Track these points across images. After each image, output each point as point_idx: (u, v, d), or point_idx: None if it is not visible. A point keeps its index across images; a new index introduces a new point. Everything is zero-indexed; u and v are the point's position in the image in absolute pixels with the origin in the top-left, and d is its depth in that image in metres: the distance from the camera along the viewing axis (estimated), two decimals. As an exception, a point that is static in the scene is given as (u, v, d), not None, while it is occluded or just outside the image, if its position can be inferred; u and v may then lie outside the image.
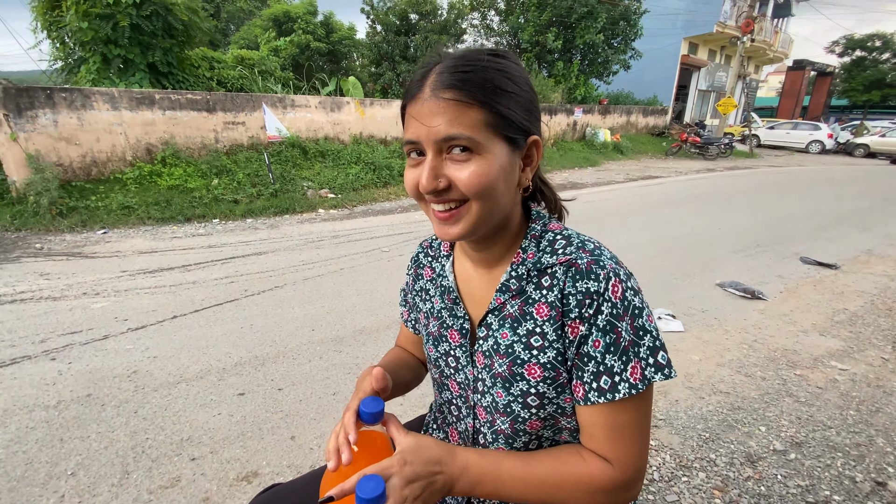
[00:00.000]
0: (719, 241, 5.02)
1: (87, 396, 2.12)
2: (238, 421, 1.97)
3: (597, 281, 0.57)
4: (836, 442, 1.92)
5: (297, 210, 6.01)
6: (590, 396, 0.58)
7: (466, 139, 0.53)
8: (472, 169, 0.54)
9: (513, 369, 0.63)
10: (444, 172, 0.56)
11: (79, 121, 5.48)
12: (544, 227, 0.66)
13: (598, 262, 0.58)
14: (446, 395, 0.77)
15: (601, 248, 0.62)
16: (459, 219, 0.58)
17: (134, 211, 5.29)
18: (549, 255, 0.62)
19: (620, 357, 0.56)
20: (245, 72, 9.06)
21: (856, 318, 3.15)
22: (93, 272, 3.69)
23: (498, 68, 0.56)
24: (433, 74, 0.55)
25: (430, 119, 0.54)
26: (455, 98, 0.53)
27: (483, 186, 0.55)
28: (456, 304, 0.71)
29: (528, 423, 0.64)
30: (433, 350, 0.76)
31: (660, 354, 0.58)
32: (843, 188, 9.27)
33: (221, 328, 2.78)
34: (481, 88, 0.54)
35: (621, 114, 15.40)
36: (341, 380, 2.28)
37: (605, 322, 0.56)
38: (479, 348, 0.68)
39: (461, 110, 0.53)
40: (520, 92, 0.57)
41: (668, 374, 0.58)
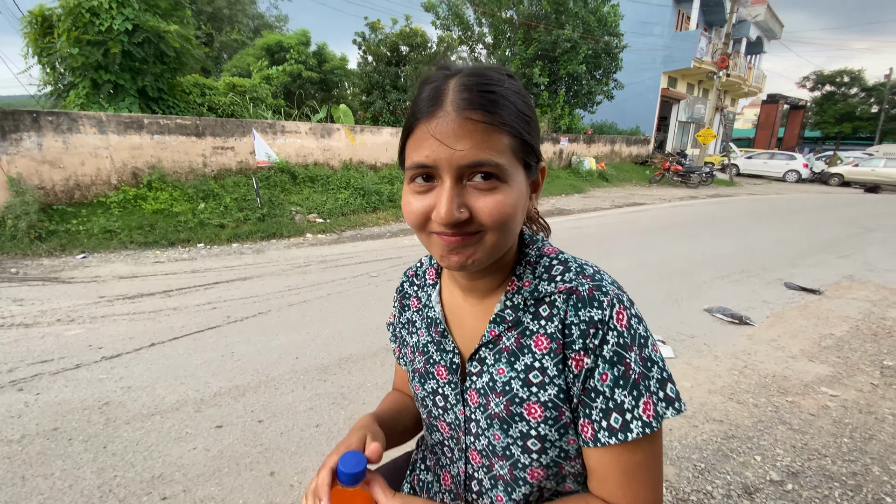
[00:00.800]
0: (705, 266, 5.07)
1: (54, 430, 2.00)
2: (214, 456, 1.86)
3: (600, 308, 0.53)
4: (832, 471, 1.89)
5: (285, 235, 5.95)
6: (600, 437, 0.53)
7: (494, 166, 0.49)
8: (498, 199, 0.50)
9: (511, 409, 0.57)
10: (465, 201, 0.50)
11: (64, 144, 5.42)
12: (539, 252, 0.62)
13: (600, 289, 0.54)
14: (437, 437, 0.70)
15: (601, 272, 0.58)
16: (473, 247, 0.52)
17: (116, 235, 5.18)
18: (547, 283, 0.58)
19: (630, 392, 0.52)
20: (236, 98, 9.13)
21: (842, 343, 3.17)
22: (69, 298, 3.57)
23: (516, 91, 0.52)
24: (451, 91, 0.49)
25: (454, 141, 0.48)
26: (485, 121, 0.48)
27: (506, 217, 0.50)
28: (444, 338, 0.66)
29: (528, 469, 0.58)
30: (419, 388, 0.69)
31: (668, 387, 0.54)
32: (821, 216, 9.53)
33: (201, 356, 2.67)
34: (509, 112, 0.50)
35: (606, 143, 15.82)
36: (325, 411, 2.19)
37: (612, 353, 0.52)
38: (471, 386, 0.62)
39: (490, 134, 0.48)
40: (534, 117, 0.54)
41: (678, 408, 0.54)
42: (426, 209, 0.51)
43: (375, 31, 12.43)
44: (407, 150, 0.53)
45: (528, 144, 0.52)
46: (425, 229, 0.53)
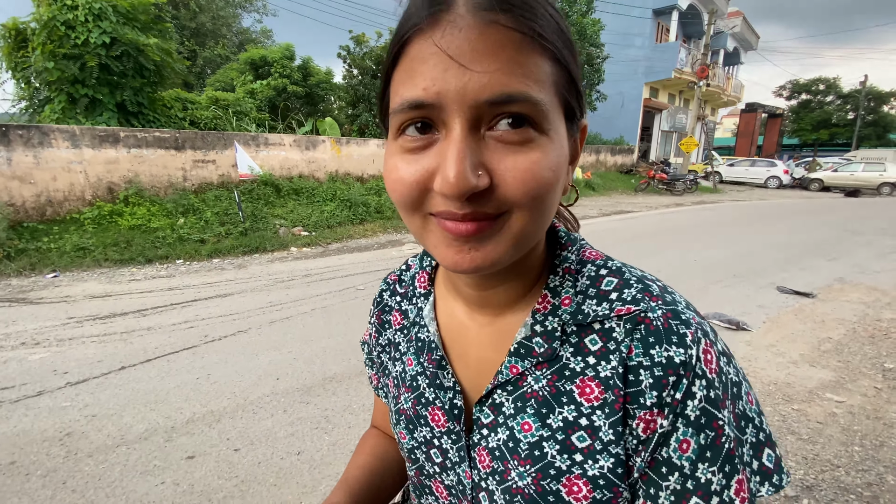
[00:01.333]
0: (697, 272, 5.03)
1: (11, 464, 1.82)
2: (184, 490, 1.69)
3: (682, 346, 0.36)
4: (846, 483, 1.79)
5: (268, 249, 5.78)
6: None
7: (534, 105, 0.31)
8: (534, 158, 0.32)
9: (542, 483, 0.39)
10: (483, 160, 0.32)
11: (35, 158, 5.22)
12: (579, 257, 0.43)
13: (678, 315, 0.37)
14: (429, 501, 0.51)
15: (671, 290, 0.41)
16: (491, 237, 0.34)
17: (90, 252, 4.96)
18: (596, 302, 0.40)
19: (722, 467, 0.35)
20: (219, 112, 8.98)
21: (841, 347, 3.11)
22: (35, 319, 3.36)
23: (553, 4, 0.35)
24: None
25: (472, 59, 0.30)
26: (520, 29, 0.31)
27: (544, 188, 0.33)
28: (441, 369, 0.47)
29: None
30: (406, 436, 0.50)
31: (766, 453, 0.38)
32: (806, 220, 9.65)
33: (175, 379, 2.50)
34: (552, 26, 0.33)
35: (591, 153, 15.98)
36: (307, 436, 2.04)
37: (700, 411, 0.35)
38: (481, 442, 0.44)
39: (528, 54, 0.31)
40: (575, 46, 0.36)
41: (778, 483, 0.38)
42: (423, 176, 0.33)
43: (360, 45, 12.45)
44: (393, 84, 0.34)
45: (574, 80, 0.35)
46: (421, 209, 0.35)
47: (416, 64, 0.32)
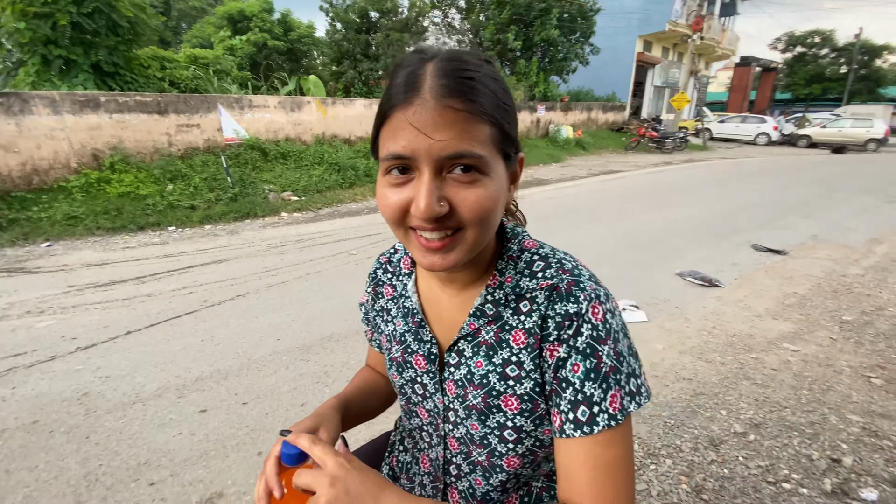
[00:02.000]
0: (678, 231, 5.21)
1: (34, 423, 1.97)
2: (200, 440, 1.88)
3: (577, 303, 0.53)
4: (791, 421, 2.02)
5: (259, 214, 5.82)
6: (566, 429, 0.53)
7: (476, 158, 0.47)
8: (479, 192, 0.48)
9: (488, 401, 0.58)
10: (444, 194, 0.48)
11: (17, 127, 5.11)
12: (520, 247, 0.61)
13: (577, 284, 0.55)
14: (415, 422, 0.71)
15: (579, 267, 0.58)
16: (454, 248, 0.51)
17: (81, 221, 4.98)
18: (529, 279, 0.57)
19: (601, 385, 0.52)
20: (199, 72, 8.68)
21: (805, 301, 3.34)
22: (37, 289, 3.45)
23: (494, 77, 0.50)
24: (429, 76, 0.47)
25: (433, 130, 0.45)
26: (465, 109, 0.46)
27: (486, 211, 0.49)
28: (421, 328, 0.65)
29: (505, 458, 0.60)
30: (398, 377, 0.69)
31: (632, 381, 0.54)
32: (788, 178, 9.82)
33: (180, 342, 2.65)
34: (490, 101, 0.48)
35: (582, 110, 15.77)
36: (309, 390, 2.22)
37: (586, 345, 0.52)
38: (449, 377, 0.62)
39: (472, 124, 0.46)
40: (512, 105, 0.52)
41: (639, 401, 0.54)
42: (404, 203, 0.49)
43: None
44: (381, 139, 0.50)
45: (507, 134, 0.50)
46: (403, 224, 0.51)
47: (398, 129, 0.47)
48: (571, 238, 4.81)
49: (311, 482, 0.48)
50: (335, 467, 0.49)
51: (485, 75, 0.49)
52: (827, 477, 1.70)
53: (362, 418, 0.77)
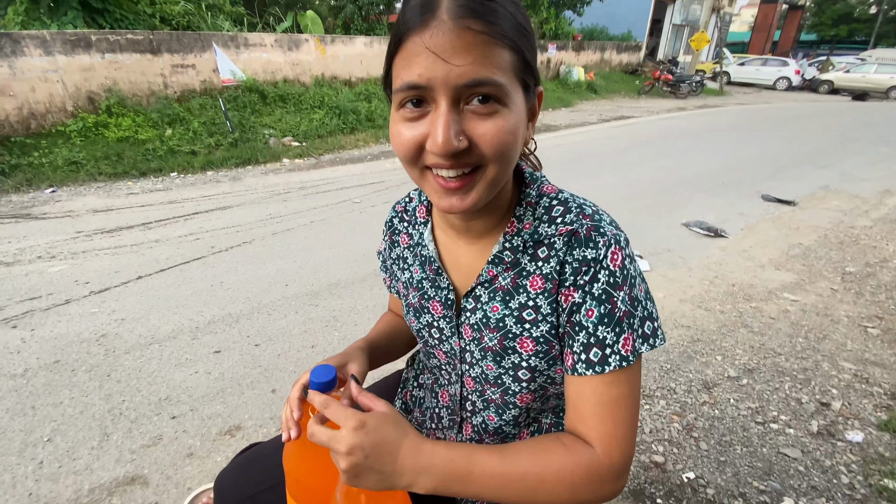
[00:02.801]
0: (686, 181, 5.12)
1: (56, 363, 2.07)
2: (216, 378, 1.97)
3: (595, 248, 0.53)
4: (784, 367, 2.09)
5: (260, 160, 5.73)
6: (577, 368, 0.54)
7: (496, 86, 0.44)
8: (500, 124, 0.45)
9: (504, 343, 0.59)
10: (463, 128, 0.45)
11: (10, 69, 4.93)
12: (539, 192, 0.59)
13: (597, 229, 0.54)
14: (434, 362, 0.74)
15: (600, 212, 0.57)
16: (473, 187, 0.48)
17: (83, 166, 4.93)
18: (548, 225, 0.57)
19: (614, 329, 0.53)
20: (190, 7, 8.21)
21: (809, 252, 3.34)
22: (45, 234, 3.48)
23: (515, 1, 0.47)
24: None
25: (452, 55, 0.42)
26: (486, 31, 0.42)
27: (507, 145, 0.46)
28: (439, 275, 0.65)
29: (518, 395, 0.62)
30: (415, 321, 0.71)
31: (647, 324, 0.55)
32: (805, 126, 9.48)
33: (190, 287, 2.71)
34: (510, 24, 0.44)
35: (595, 50, 14.98)
36: (319, 333, 2.29)
37: (601, 291, 0.53)
38: (465, 321, 0.63)
39: (492, 48, 0.43)
40: (532, 32, 0.49)
41: (653, 343, 0.55)
42: (419, 139, 0.46)
43: (341, -79, 10.97)
44: (395, 69, 0.47)
45: (527, 62, 0.47)
46: (418, 163, 0.49)
47: (412, 56, 0.44)
48: (578, 186, 4.71)
49: (328, 444, 0.49)
50: (350, 434, 0.48)
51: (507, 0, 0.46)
52: (814, 419, 1.78)
53: (388, 358, 0.81)
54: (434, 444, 0.53)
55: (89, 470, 1.53)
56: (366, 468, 0.49)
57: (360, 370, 0.67)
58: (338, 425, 0.50)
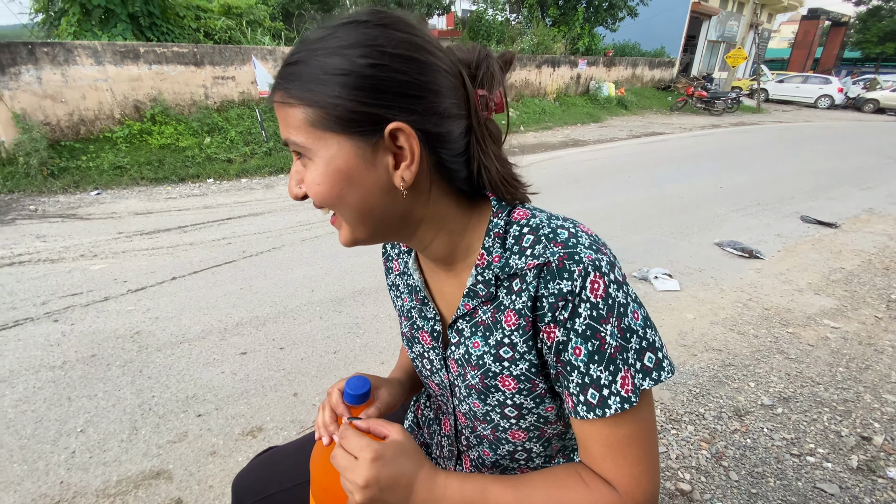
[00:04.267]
0: (720, 199, 4.97)
1: (92, 357, 2.16)
2: (241, 379, 2.01)
3: (570, 280, 0.48)
4: (823, 397, 1.98)
5: (293, 169, 5.90)
6: (579, 411, 0.50)
7: (294, 144, 0.47)
8: (309, 175, 0.48)
9: (486, 381, 0.57)
10: (302, 177, 0.50)
11: (63, 77, 5.27)
12: (508, 219, 0.55)
13: (571, 256, 0.48)
14: (427, 392, 0.74)
15: (577, 234, 0.51)
16: (339, 226, 0.52)
17: (126, 171, 5.19)
18: (518, 256, 0.52)
19: (607, 367, 0.48)
20: (232, 23, 8.61)
21: (852, 277, 3.17)
22: (89, 234, 3.67)
23: (331, 47, 0.44)
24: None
25: (280, 124, 0.49)
26: (279, 100, 0.47)
27: (322, 195, 0.48)
28: (425, 305, 0.64)
29: (509, 431, 0.60)
30: (408, 351, 0.70)
31: (647, 356, 0.50)
32: (848, 145, 9.09)
33: (221, 289, 2.79)
34: (299, 81, 0.45)
35: (627, 66, 14.85)
36: (342, 339, 2.32)
37: (585, 327, 0.48)
38: (451, 355, 0.61)
39: (287, 111, 0.46)
40: (358, 70, 0.43)
41: (657, 377, 0.50)
42: None
43: (378, -59, 11.34)
44: None
45: (332, 111, 0.44)
46: None
47: None
48: (606, 203, 4.67)
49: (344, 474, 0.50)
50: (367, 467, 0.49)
51: (312, 50, 0.45)
52: (854, 454, 1.68)
53: (417, 390, 0.81)
54: (447, 475, 0.52)
55: (118, 462, 1.58)
56: (380, 502, 0.49)
57: (390, 400, 0.67)
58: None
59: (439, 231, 0.55)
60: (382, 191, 0.48)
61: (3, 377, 1.99)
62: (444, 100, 0.47)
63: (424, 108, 0.46)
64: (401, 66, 0.44)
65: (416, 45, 0.46)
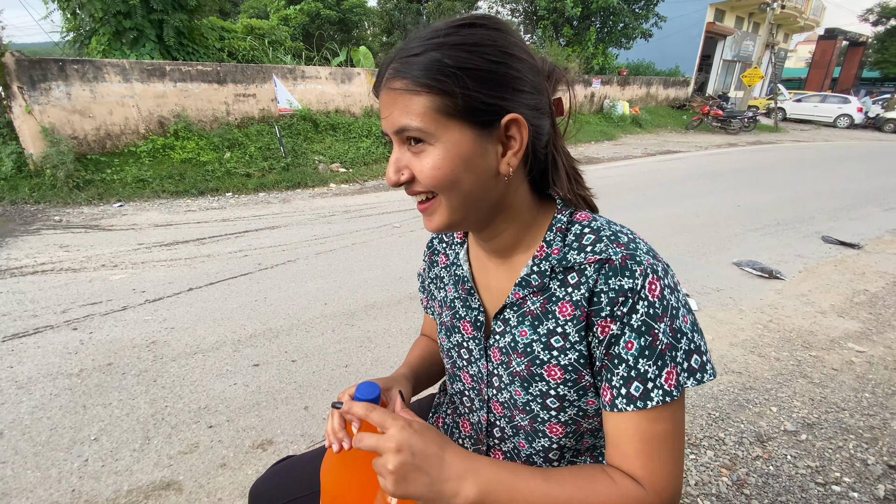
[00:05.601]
0: (738, 218, 4.90)
1: (109, 365, 2.19)
2: (253, 391, 2.02)
3: (632, 278, 0.51)
4: (849, 424, 1.91)
5: (309, 184, 6.00)
6: (617, 403, 0.53)
7: (416, 130, 0.50)
8: (426, 161, 0.51)
9: (531, 369, 0.59)
10: (405, 164, 0.53)
11: (91, 93, 5.48)
12: (570, 218, 0.59)
13: (633, 258, 0.52)
14: (458, 386, 0.73)
15: (636, 240, 0.56)
16: (434, 211, 0.55)
17: (149, 184, 5.34)
18: (577, 252, 0.56)
19: (655, 362, 0.51)
20: (255, 42, 8.91)
21: (876, 300, 3.08)
22: (110, 244, 3.76)
23: (456, 42, 0.49)
24: (385, 67, 0.53)
25: (385, 110, 0.52)
26: (402, 87, 0.50)
27: (439, 179, 0.51)
28: (470, 295, 0.67)
29: (547, 424, 0.61)
30: (445, 340, 0.72)
31: (693, 358, 0.53)
32: (869, 165, 8.92)
33: (236, 301, 2.82)
34: (428, 71, 0.49)
35: (641, 85, 14.90)
36: (353, 353, 2.32)
37: (641, 322, 0.51)
38: (494, 343, 0.63)
39: (408, 98, 0.50)
40: (484, 65, 0.49)
41: (700, 378, 0.53)
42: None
43: (396, -35, 11.69)
44: None
45: (460, 100, 0.49)
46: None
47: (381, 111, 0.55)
48: (622, 220, 4.52)
49: (376, 445, 0.49)
50: (398, 432, 0.49)
51: (439, 44, 0.49)
52: (881, 483, 1.60)
53: (429, 383, 0.83)
54: (477, 455, 0.53)
55: (129, 471, 1.59)
56: (413, 468, 0.48)
57: (405, 395, 0.69)
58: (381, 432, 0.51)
59: (513, 221, 0.59)
60: (489, 176, 0.54)
61: (21, 384, 2.03)
62: (542, 98, 0.54)
63: (530, 103, 0.53)
64: (516, 64, 0.51)
65: (525, 49, 0.53)
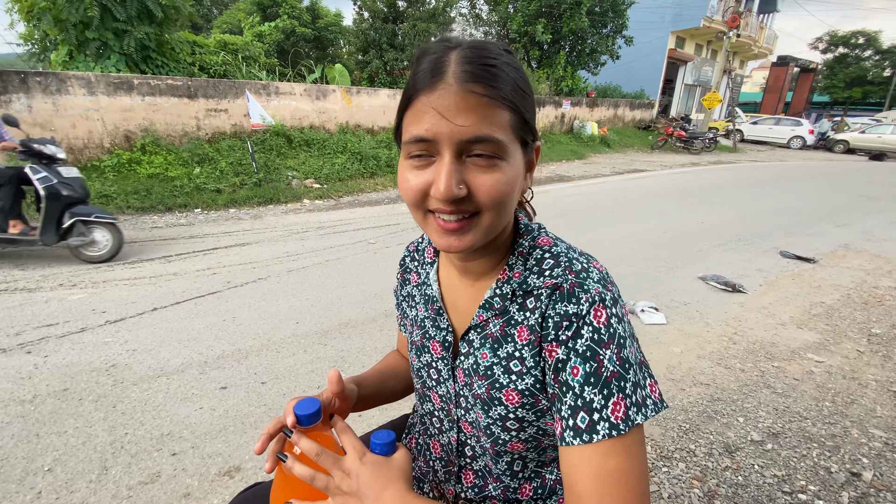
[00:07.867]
0: (702, 234, 5.09)
1: (64, 391, 2.06)
2: (220, 415, 1.94)
3: (577, 304, 0.52)
4: (812, 433, 1.98)
5: (282, 200, 5.91)
6: (566, 436, 0.51)
7: (495, 143, 0.48)
8: (497, 177, 0.49)
9: (491, 392, 0.59)
10: (464, 178, 0.49)
11: (54, 106, 5.30)
12: (532, 243, 0.60)
13: (581, 286, 0.53)
14: (427, 407, 0.73)
15: (589, 268, 0.55)
16: (469, 230, 0.52)
17: (112, 200, 5.15)
18: (537, 276, 0.57)
19: (601, 390, 0.50)
20: (228, 58, 8.82)
21: (832, 311, 3.23)
22: (68, 262, 3.59)
23: (515, 66, 0.51)
24: (453, 62, 0.48)
25: (456, 115, 0.47)
26: (487, 94, 0.47)
27: (503, 196, 0.50)
28: (439, 315, 0.67)
29: (508, 444, 0.61)
30: (416, 360, 0.72)
31: (638, 392, 0.51)
32: (822, 184, 9.47)
33: (203, 320, 2.73)
34: (510, 87, 0.49)
35: (609, 107, 15.49)
36: (326, 373, 2.26)
37: (586, 347, 0.51)
38: (460, 364, 0.64)
39: (493, 109, 0.47)
40: (531, 93, 0.53)
41: (646, 414, 0.51)
42: (425, 185, 0.50)
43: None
44: (405, 123, 0.52)
45: (525, 121, 0.52)
46: (423, 207, 0.53)
47: (422, 113, 0.49)
48: (592, 237, 4.75)
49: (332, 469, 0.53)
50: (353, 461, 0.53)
51: (505, 63, 0.50)
52: (845, 490, 1.66)
53: (381, 399, 0.79)
54: (417, 497, 0.53)
55: (84, 505, 1.49)
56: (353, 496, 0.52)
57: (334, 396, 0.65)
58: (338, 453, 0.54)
59: (492, 242, 0.59)
60: (518, 197, 0.55)
61: (-34, 413, 1.89)
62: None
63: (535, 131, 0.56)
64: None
65: None
